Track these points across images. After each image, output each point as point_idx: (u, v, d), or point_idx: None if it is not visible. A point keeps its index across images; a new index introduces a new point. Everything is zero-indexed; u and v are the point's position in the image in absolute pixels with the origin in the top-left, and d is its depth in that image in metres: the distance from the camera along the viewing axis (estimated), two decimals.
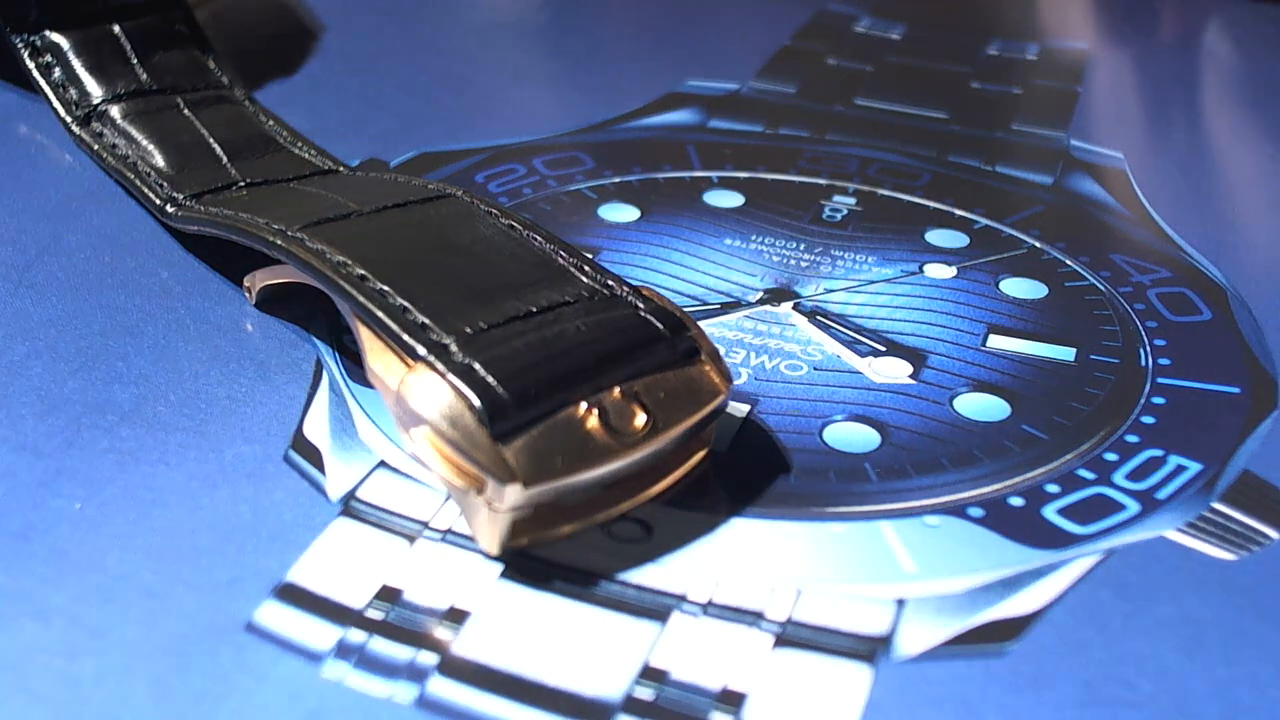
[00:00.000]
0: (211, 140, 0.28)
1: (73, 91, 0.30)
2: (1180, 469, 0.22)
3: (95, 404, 0.22)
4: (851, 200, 0.30)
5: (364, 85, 0.35)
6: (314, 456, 0.21)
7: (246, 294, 0.25)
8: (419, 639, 0.18)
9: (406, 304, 0.20)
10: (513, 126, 0.33)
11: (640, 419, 0.19)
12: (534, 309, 0.21)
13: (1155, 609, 0.19)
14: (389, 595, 0.19)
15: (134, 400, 0.22)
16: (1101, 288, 0.27)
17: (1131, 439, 0.22)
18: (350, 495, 0.20)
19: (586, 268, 0.22)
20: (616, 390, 0.20)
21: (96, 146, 0.28)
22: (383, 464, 0.21)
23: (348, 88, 0.35)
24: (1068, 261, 0.28)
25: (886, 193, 0.31)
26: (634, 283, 0.22)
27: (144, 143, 0.28)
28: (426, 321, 0.20)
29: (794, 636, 0.18)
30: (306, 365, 0.23)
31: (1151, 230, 0.30)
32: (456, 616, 0.18)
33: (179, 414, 0.22)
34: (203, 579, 0.19)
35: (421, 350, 0.20)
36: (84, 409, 0.22)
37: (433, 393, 0.19)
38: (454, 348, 0.19)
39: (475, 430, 0.19)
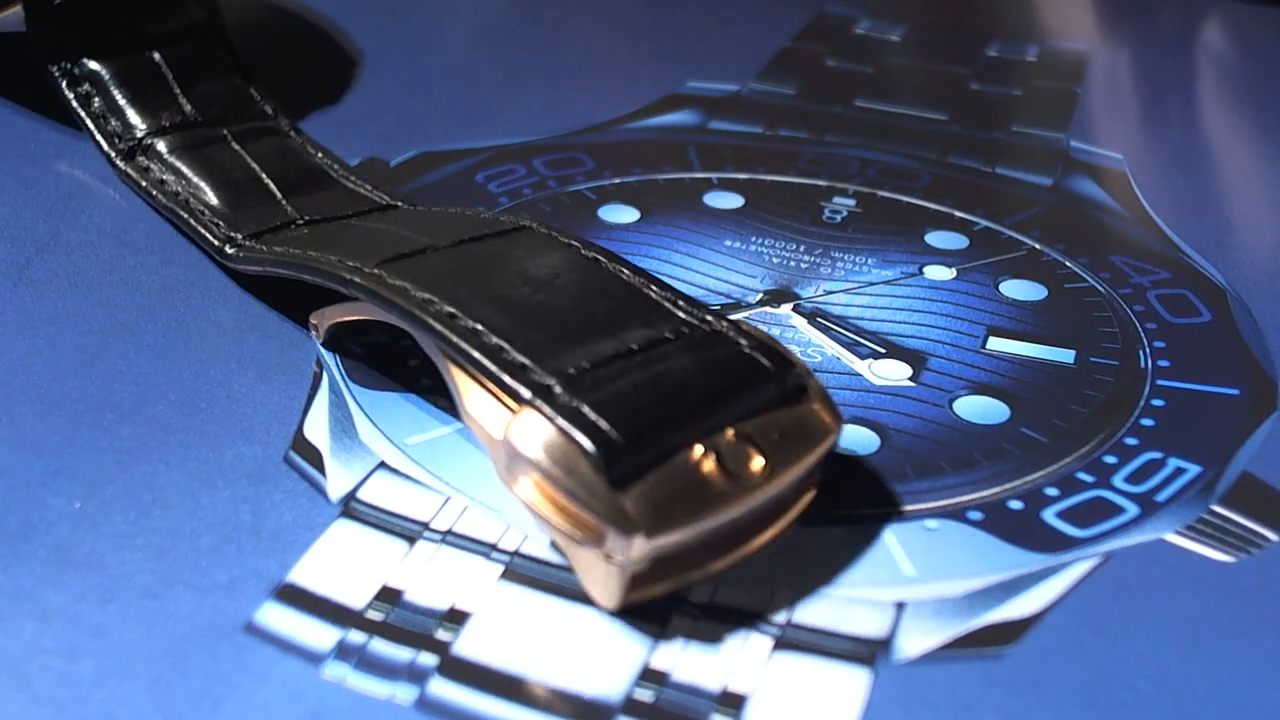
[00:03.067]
0: (264, 175, 0.27)
1: (115, 123, 0.28)
2: (1180, 471, 0.22)
3: (95, 402, 0.22)
4: (851, 202, 0.30)
5: (364, 85, 0.35)
6: (314, 457, 0.21)
7: (313, 331, 0.24)
8: (419, 640, 0.18)
9: (502, 343, 0.19)
10: (513, 127, 0.33)
11: (757, 462, 0.18)
12: (634, 346, 0.20)
13: (1154, 612, 0.19)
14: (389, 596, 0.19)
15: (134, 399, 0.22)
16: (1101, 289, 0.27)
17: (1131, 441, 0.22)
18: (350, 496, 0.20)
19: (681, 301, 0.21)
20: (730, 432, 0.19)
21: (144, 183, 0.27)
22: (383, 465, 0.21)
23: (347, 87, 0.35)
24: (1067, 263, 0.28)
25: (886, 194, 0.31)
26: (731, 316, 0.21)
27: (194, 179, 0.27)
28: (525, 361, 0.19)
29: (793, 639, 0.18)
30: (306, 365, 0.23)
31: (1151, 231, 0.30)
32: (457, 618, 0.18)
33: (179, 413, 0.22)
34: (203, 580, 0.19)
35: (526, 393, 0.18)
36: (84, 407, 0.22)
37: (543, 438, 0.18)
38: (558, 389, 0.18)
39: (591, 478, 0.17)
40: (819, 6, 0.43)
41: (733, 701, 0.17)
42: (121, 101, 0.29)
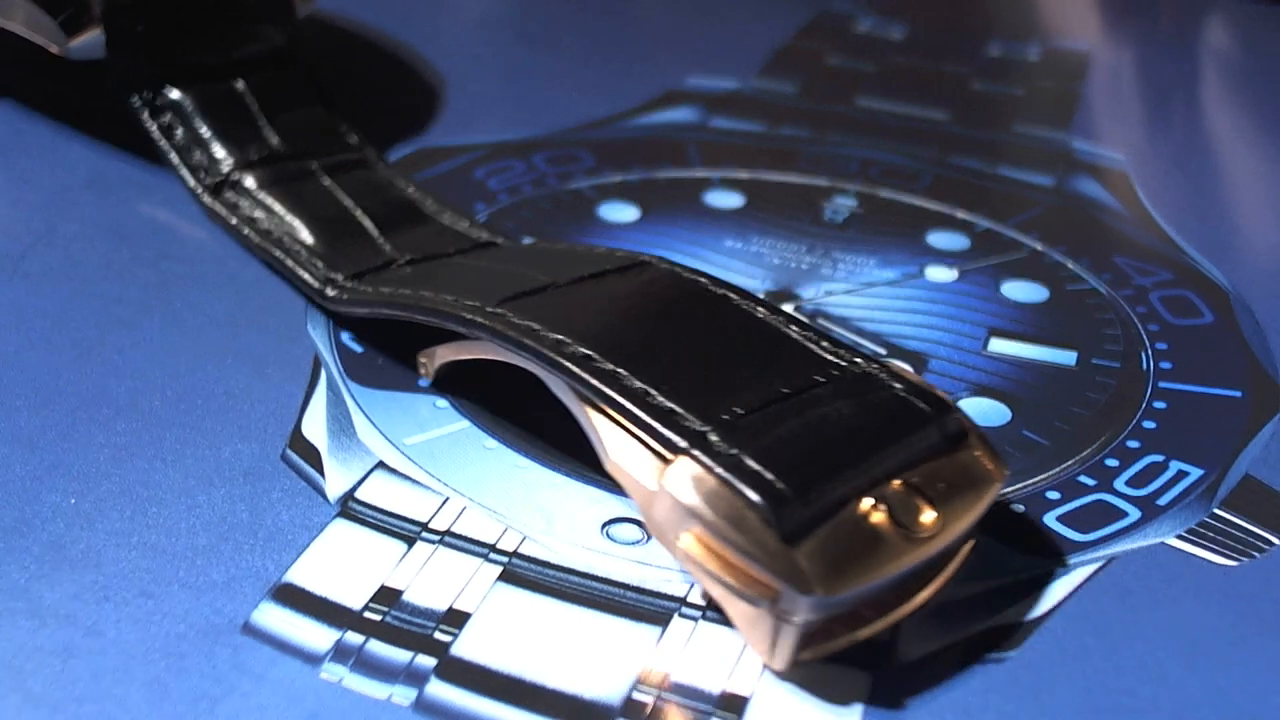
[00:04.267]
0: (358, 212, 0.26)
1: (199, 155, 0.27)
2: (1181, 474, 0.22)
3: (91, 397, 0.22)
4: (853, 202, 0.30)
5: (363, 80, 0.35)
6: (312, 456, 0.21)
7: (421, 369, 0.23)
8: (417, 641, 0.18)
9: (647, 387, 0.18)
10: (513, 122, 0.33)
11: (928, 514, 0.18)
12: (785, 390, 0.19)
13: (1156, 616, 0.19)
14: (387, 597, 0.18)
15: (130, 394, 0.22)
16: (1103, 291, 0.27)
17: (1132, 444, 0.22)
18: (348, 496, 0.20)
19: (825, 342, 0.20)
20: (896, 482, 0.18)
21: (234, 220, 0.26)
22: (381, 465, 0.21)
23: (346, 82, 0.35)
24: (1069, 264, 0.28)
25: (888, 194, 0.31)
26: (879, 356, 0.20)
27: (286, 216, 0.26)
28: (674, 407, 0.18)
29: None
30: (304, 363, 0.23)
31: (1153, 232, 0.29)
32: (455, 619, 0.18)
33: (175, 409, 0.22)
34: (199, 579, 0.19)
35: (682, 442, 0.18)
36: (79, 402, 0.22)
37: (704, 489, 0.17)
38: (713, 437, 0.18)
39: (762, 532, 0.17)
40: (820, 4, 0.43)
41: (733, 704, 0.17)
42: (206, 133, 0.27)
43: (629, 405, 0.18)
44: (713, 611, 0.19)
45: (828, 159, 0.32)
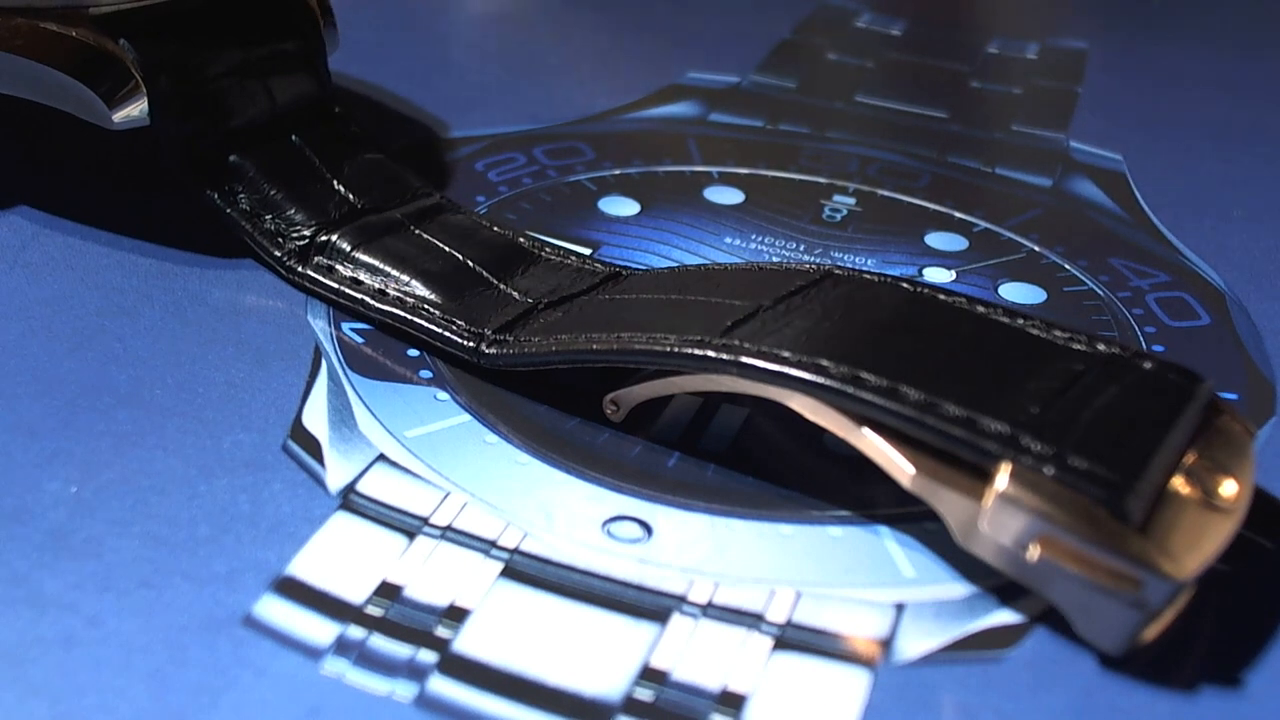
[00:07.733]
0: (465, 260, 0.24)
1: (271, 221, 0.25)
2: None
3: (92, 385, 0.22)
4: (851, 200, 0.30)
5: (362, 73, 0.35)
6: (313, 447, 0.21)
7: (609, 411, 0.22)
8: (419, 637, 0.18)
9: (933, 399, 0.18)
10: (512, 115, 0.33)
11: (1229, 483, 0.18)
12: (1059, 384, 0.19)
13: None
14: (389, 592, 0.18)
15: (131, 382, 0.22)
16: (1100, 292, 0.27)
17: None
18: (349, 488, 0.20)
19: (1057, 330, 0.20)
20: (1190, 456, 0.18)
21: (334, 284, 0.24)
22: (382, 458, 0.21)
23: (345, 75, 0.35)
24: (1066, 266, 0.28)
25: (886, 193, 0.31)
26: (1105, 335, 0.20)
27: (395, 273, 0.24)
28: (971, 415, 0.18)
29: (793, 639, 0.18)
30: (305, 353, 0.23)
31: (1150, 234, 0.30)
32: (456, 615, 0.18)
33: (176, 398, 0.22)
34: (201, 570, 0.19)
35: (996, 448, 0.17)
36: (80, 390, 0.22)
37: (1048, 494, 0.17)
38: (1025, 439, 0.17)
39: (1117, 527, 0.17)
40: None
41: (733, 701, 0.17)
42: (276, 195, 0.25)
43: (928, 419, 0.18)
44: (714, 609, 0.19)
45: (827, 156, 0.32)
